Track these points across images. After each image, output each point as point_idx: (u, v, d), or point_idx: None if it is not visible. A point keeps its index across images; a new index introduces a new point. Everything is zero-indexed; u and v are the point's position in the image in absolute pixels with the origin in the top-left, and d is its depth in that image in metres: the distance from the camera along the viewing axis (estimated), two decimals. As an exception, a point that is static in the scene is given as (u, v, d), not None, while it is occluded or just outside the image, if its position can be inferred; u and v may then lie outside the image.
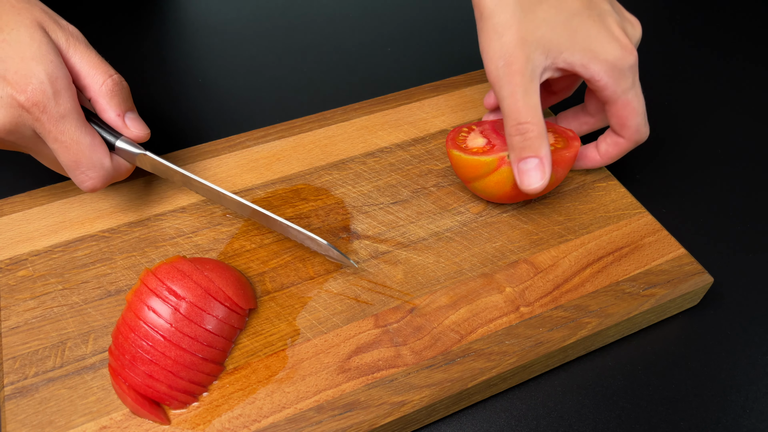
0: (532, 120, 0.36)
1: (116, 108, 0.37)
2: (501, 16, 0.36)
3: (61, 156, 0.35)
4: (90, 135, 0.36)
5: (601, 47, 0.37)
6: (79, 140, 0.35)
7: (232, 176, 0.46)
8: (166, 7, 0.68)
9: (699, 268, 0.40)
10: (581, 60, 0.37)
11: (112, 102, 0.37)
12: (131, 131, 0.38)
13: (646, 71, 0.62)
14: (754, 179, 0.51)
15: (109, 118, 0.37)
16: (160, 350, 0.33)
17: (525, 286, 0.39)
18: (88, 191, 0.37)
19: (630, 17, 0.40)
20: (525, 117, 0.36)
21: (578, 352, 0.39)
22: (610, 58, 0.37)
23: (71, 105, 0.35)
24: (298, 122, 0.50)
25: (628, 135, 0.40)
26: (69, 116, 0.35)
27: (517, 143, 0.37)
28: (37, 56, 0.34)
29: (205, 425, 0.33)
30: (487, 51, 0.37)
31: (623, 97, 0.38)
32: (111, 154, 0.38)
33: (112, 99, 0.37)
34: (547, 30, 0.37)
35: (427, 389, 0.35)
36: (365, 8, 0.69)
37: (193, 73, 0.60)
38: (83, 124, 0.35)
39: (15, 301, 0.38)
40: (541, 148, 0.36)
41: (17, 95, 0.33)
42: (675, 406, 0.38)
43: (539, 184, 0.37)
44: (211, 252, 0.41)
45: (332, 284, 0.39)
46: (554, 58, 0.37)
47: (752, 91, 0.60)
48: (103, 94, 0.37)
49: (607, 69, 0.37)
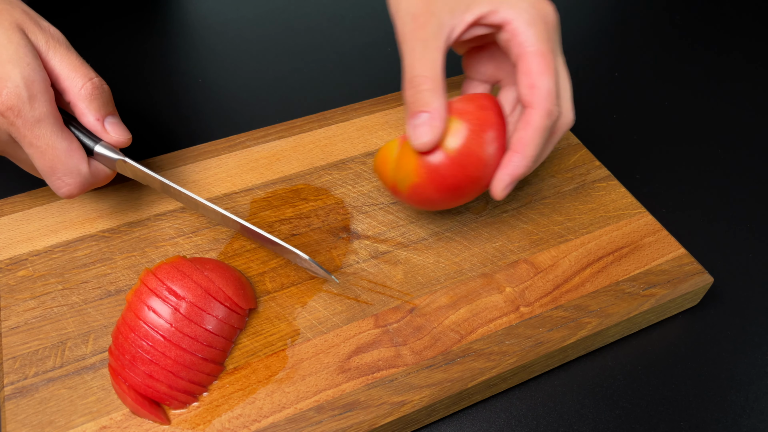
0: (426, 74, 0.34)
1: (95, 112, 0.36)
2: None
3: (36, 161, 0.35)
4: (67, 140, 0.35)
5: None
6: (55, 145, 0.34)
7: (232, 176, 0.46)
8: (167, 7, 0.68)
9: (699, 268, 0.40)
10: (490, 6, 0.35)
11: (91, 106, 0.36)
12: (111, 136, 0.37)
13: (647, 71, 0.62)
14: (754, 179, 0.51)
15: (88, 122, 0.36)
16: (160, 350, 0.33)
17: (525, 286, 0.39)
18: (65, 197, 0.36)
19: None
20: (419, 70, 0.34)
21: (578, 352, 0.39)
22: (522, 4, 0.34)
23: (47, 109, 0.34)
24: (298, 122, 0.50)
25: (537, 100, 0.34)
26: (45, 121, 0.34)
27: (409, 98, 0.35)
28: (14, 59, 0.33)
29: (205, 425, 0.33)
30: (397, 11, 0.36)
31: (536, 46, 0.34)
32: (90, 160, 0.37)
33: (92, 103, 0.36)
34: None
35: (427, 389, 0.35)
36: (365, 8, 0.69)
37: (193, 73, 0.60)
38: (60, 128, 0.35)
39: (15, 301, 0.38)
40: (432, 102, 0.34)
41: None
42: (675, 406, 0.38)
43: (427, 139, 0.34)
44: (211, 252, 0.41)
45: (332, 284, 0.39)
46: (462, 12, 0.35)
47: (752, 91, 0.60)
48: (83, 97, 0.36)
49: (518, 12, 0.34)
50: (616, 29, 0.68)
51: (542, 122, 0.34)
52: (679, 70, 0.62)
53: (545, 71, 0.34)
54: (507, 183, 0.35)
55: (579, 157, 0.48)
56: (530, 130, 0.34)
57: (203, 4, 0.69)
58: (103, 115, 0.37)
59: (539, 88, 0.34)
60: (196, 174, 0.46)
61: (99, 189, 0.44)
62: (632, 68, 0.62)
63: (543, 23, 0.34)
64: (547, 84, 0.34)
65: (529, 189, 0.45)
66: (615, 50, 0.65)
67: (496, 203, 0.44)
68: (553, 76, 0.34)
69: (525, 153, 0.34)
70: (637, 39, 0.66)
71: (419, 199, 0.37)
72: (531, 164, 0.35)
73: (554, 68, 0.34)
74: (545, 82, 0.34)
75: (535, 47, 0.34)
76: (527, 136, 0.34)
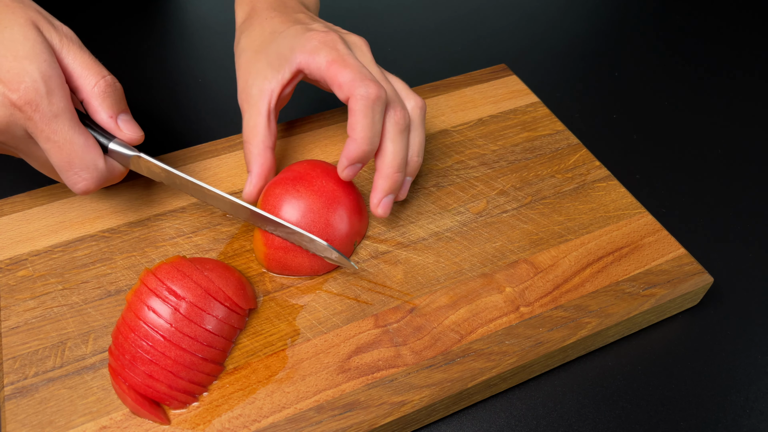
0: (247, 139, 0.41)
1: (109, 109, 0.37)
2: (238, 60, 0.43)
3: (53, 156, 0.35)
4: (83, 135, 0.35)
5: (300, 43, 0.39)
6: (73, 140, 0.34)
7: (232, 176, 0.46)
8: (167, 7, 0.68)
9: (699, 268, 0.40)
10: (289, 64, 0.39)
11: (104, 103, 0.36)
12: (124, 133, 0.37)
13: (647, 71, 0.62)
14: (754, 179, 0.51)
15: (101, 119, 0.37)
16: (160, 350, 0.33)
17: (525, 286, 0.39)
18: (81, 193, 0.36)
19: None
20: (245, 135, 0.41)
21: (578, 352, 0.39)
22: (304, 43, 0.39)
23: (64, 104, 0.34)
24: (298, 122, 0.50)
25: (347, 92, 0.37)
26: (62, 115, 0.34)
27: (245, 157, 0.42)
28: (31, 55, 0.33)
29: (205, 425, 0.33)
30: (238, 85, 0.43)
31: (326, 61, 0.38)
32: (104, 156, 0.37)
33: (105, 100, 0.36)
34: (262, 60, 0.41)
35: (427, 389, 0.35)
36: (365, 8, 0.69)
37: (193, 73, 0.60)
38: (76, 123, 0.35)
39: (15, 301, 0.38)
40: (251, 165, 0.41)
41: (9, 93, 0.33)
42: (675, 406, 0.38)
43: (246, 191, 0.41)
44: (211, 252, 0.41)
45: (332, 284, 0.39)
46: (274, 76, 0.40)
47: (753, 90, 0.60)
48: (96, 95, 0.36)
49: (304, 54, 0.39)
50: (616, 29, 0.68)
51: (357, 105, 0.36)
52: (679, 70, 0.62)
53: (342, 70, 0.37)
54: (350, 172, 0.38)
55: (579, 157, 0.48)
56: (353, 116, 0.37)
57: (203, 4, 0.69)
58: (117, 113, 0.37)
59: (343, 83, 0.37)
60: (196, 174, 0.46)
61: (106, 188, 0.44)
62: (632, 68, 0.62)
63: (323, 46, 0.38)
64: (347, 75, 0.37)
65: (529, 189, 0.45)
66: (615, 50, 0.65)
67: (497, 203, 0.44)
68: (350, 68, 0.37)
69: (354, 136, 0.37)
70: (637, 39, 0.66)
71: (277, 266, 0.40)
72: (365, 147, 0.37)
73: (350, 63, 0.37)
74: (345, 76, 0.37)
75: (325, 63, 0.38)
76: (352, 120, 0.37)
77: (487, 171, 0.47)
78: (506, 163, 0.47)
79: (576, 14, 0.70)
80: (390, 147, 0.38)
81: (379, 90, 0.36)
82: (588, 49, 0.65)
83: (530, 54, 0.64)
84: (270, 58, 0.41)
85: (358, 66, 0.37)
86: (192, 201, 0.44)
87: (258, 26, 0.43)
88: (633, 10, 0.70)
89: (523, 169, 0.47)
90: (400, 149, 0.38)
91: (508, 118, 0.51)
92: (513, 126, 0.50)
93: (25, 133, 0.34)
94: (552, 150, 0.48)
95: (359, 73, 0.37)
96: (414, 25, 0.67)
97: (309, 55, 0.38)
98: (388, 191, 0.39)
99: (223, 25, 0.66)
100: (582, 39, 0.66)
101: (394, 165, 0.38)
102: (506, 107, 0.52)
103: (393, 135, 0.38)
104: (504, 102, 0.52)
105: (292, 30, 0.40)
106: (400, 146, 0.38)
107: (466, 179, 0.46)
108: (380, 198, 0.39)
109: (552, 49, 0.65)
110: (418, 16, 0.68)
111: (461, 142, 0.49)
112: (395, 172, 0.38)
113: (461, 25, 0.67)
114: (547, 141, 0.49)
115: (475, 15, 0.69)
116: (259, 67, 0.41)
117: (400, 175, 0.39)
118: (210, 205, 0.43)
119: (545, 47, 0.65)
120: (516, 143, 0.49)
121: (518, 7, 0.70)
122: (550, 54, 0.64)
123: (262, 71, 0.41)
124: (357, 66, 0.37)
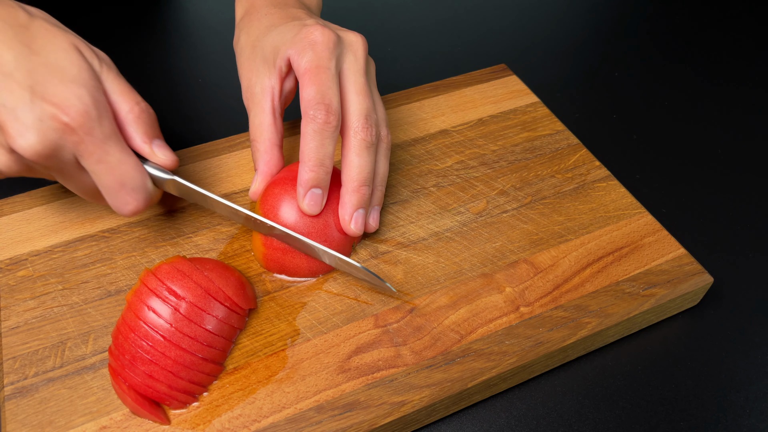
0: (254, 137, 0.41)
1: (143, 135, 0.37)
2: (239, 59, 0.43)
3: (104, 178, 0.34)
4: (133, 157, 0.35)
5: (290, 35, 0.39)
6: (125, 160, 0.34)
7: (232, 176, 0.46)
8: (167, 7, 0.68)
9: (699, 268, 0.40)
10: (281, 55, 0.39)
11: (139, 129, 0.36)
12: (159, 158, 0.37)
13: (647, 71, 0.62)
14: (754, 179, 0.51)
15: (136, 144, 0.37)
16: (160, 350, 0.33)
17: (525, 286, 0.39)
18: (129, 215, 0.36)
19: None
20: (252, 134, 0.41)
21: (578, 352, 0.39)
22: (296, 39, 0.38)
23: (113, 127, 0.34)
24: (298, 122, 0.50)
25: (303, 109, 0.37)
26: (113, 137, 0.34)
27: (252, 156, 0.42)
28: (78, 79, 0.33)
29: (205, 425, 0.33)
30: (241, 84, 0.43)
31: (305, 66, 0.37)
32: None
33: (140, 126, 0.36)
34: (258, 56, 0.41)
35: (427, 389, 0.35)
36: (365, 8, 0.69)
37: (193, 73, 0.60)
38: (126, 146, 0.35)
39: (15, 301, 0.38)
40: (258, 162, 0.41)
41: (61, 116, 0.32)
42: (675, 406, 0.38)
43: (252, 190, 0.41)
44: (211, 252, 0.41)
45: (332, 284, 0.39)
46: (270, 71, 0.40)
47: (752, 91, 0.60)
48: (131, 121, 0.36)
49: (294, 49, 0.38)
50: (616, 29, 0.68)
51: (306, 128, 0.36)
52: (679, 70, 0.62)
53: (310, 84, 0.37)
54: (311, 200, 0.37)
55: (579, 157, 0.48)
56: (302, 138, 0.37)
57: (203, 4, 0.69)
58: (151, 138, 0.37)
59: (305, 98, 0.37)
60: (196, 174, 0.46)
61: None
62: (632, 68, 0.62)
63: (311, 48, 0.37)
64: (311, 92, 0.36)
65: (529, 189, 0.45)
66: (615, 50, 0.65)
67: (497, 203, 0.44)
68: (317, 85, 0.36)
69: (303, 159, 0.37)
70: (637, 39, 0.66)
71: (275, 267, 0.40)
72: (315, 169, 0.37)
73: (320, 80, 0.37)
74: (309, 92, 0.36)
75: (302, 69, 0.37)
76: (301, 143, 0.37)
77: (487, 171, 0.47)
78: (506, 163, 0.47)
79: (576, 14, 0.70)
80: (355, 161, 0.37)
81: (327, 117, 0.36)
82: (588, 49, 0.65)
83: (530, 54, 0.64)
84: (265, 52, 0.41)
85: (327, 84, 0.37)
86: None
87: (256, 22, 0.43)
88: (633, 10, 0.70)
89: (523, 169, 0.47)
90: (366, 163, 0.38)
91: (508, 118, 0.51)
92: (513, 126, 0.50)
93: (73, 156, 0.34)
94: (552, 150, 0.48)
95: (320, 94, 0.36)
96: (414, 25, 0.67)
97: (296, 53, 0.38)
98: (357, 206, 0.38)
99: (223, 25, 0.66)
100: (582, 39, 0.66)
101: (360, 178, 0.37)
102: (506, 107, 0.52)
103: (359, 150, 0.37)
104: (504, 102, 0.52)
105: (289, 25, 0.40)
106: (366, 160, 0.38)
107: (466, 179, 0.46)
108: (351, 213, 0.38)
109: (552, 49, 0.65)
110: (418, 16, 0.68)
111: (461, 142, 0.49)
112: (361, 185, 0.38)
113: (461, 25, 0.67)
114: (547, 141, 0.49)
115: (475, 15, 0.69)
116: (258, 64, 0.41)
117: (367, 189, 0.38)
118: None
119: (545, 47, 0.65)
120: (516, 143, 0.49)
121: (518, 7, 0.70)
122: (550, 54, 0.64)
123: (260, 68, 0.41)
124: (325, 84, 0.37)
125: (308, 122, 0.36)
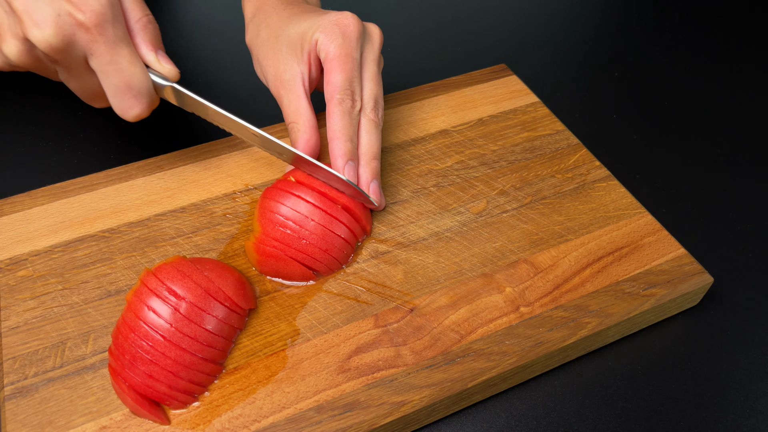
0: (293, 120, 0.42)
1: (149, 44, 0.38)
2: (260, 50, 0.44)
3: (113, 79, 0.36)
4: (141, 62, 0.37)
5: (319, 21, 0.42)
6: (135, 63, 0.36)
7: (232, 176, 0.46)
8: (167, 7, 0.68)
9: (699, 268, 0.40)
10: (309, 39, 0.41)
11: (146, 38, 0.38)
12: (164, 67, 0.39)
13: (647, 71, 0.62)
14: (754, 179, 0.51)
15: (142, 53, 0.38)
16: (160, 350, 0.33)
17: (525, 286, 0.39)
18: (132, 119, 0.38)
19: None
20: (289, 118, 0.42)
21: (578, 352, 0.39)
22: (326, 24, 0.41)
23: (125, 32, 0.36)
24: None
25: (329, 94, 0.40)
26: (124, 41, 0.36)
27: (291, 137, 0.43)
28: None
29: (205, 425, 0.33)
30: (266, 75, 0.44)
31: (334, 53, 0.40)
32: None
33: (146, 35, 0.38)
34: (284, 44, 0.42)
35: (427, 389, 0.35)
36: (365, 8, 0.69)
37: (193, 73, 0.60)
38: (135, 51, 0.37)
39: (15, 301, 0.38)
40: (298, 143, 0.42)
41: (77, 14, 0.34)
42: (675, 406, 0.38)
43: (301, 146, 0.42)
44: (211, 252, 0.41)
45: (332, 284, 0.39)
46: (299, 56, 0.42)
47: (753, 91, 0.60)
48: (138, 29, 0.38)
49: (324, 33, 0.41)
50: (616, 29, 0.68)
51: (334, 109, 0.40)
52: (680, 70, 0.62)
53: (338, 70, 0.40)
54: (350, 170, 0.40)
55: (579, 157, 0.48)
56: (330, 119, 0.40)
57: (203, 4, 0.69)
58: (155, 48, 0.39)
59: (331, 83, 0.40)
60: (196, 174, 0.46)
61: (101, 188, 0.44)
62: (632, 68, 0.62)
63: (342, 34, 0.40)
64: (337, 79, 0.40)
65: (529, 189, 0.45)
66: (615, 50, 0.65)
67: (497, 203, 0.44)
68: (345, 73, 0.40)
69: (336, 135, 0.40)
70: (637, 39, 0.66)
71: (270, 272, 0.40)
72: (348, 143, 0.40)
73: (348, 67, 0.40)
74: (337, 78, 0.40)
75: (332, 54, 0.40)
76: (330, 123, 0.40)
77: (487, 171, 0.47)
78: (506, 163, 0.47)
79: (576, 14, 0.70)
80: (366, 137, 0.41)
81: (354, 103, 0.40)
82: (588, 49, 0.65)
83: (530, 54, 0.64)
84: (291, 39, 0.42)
85: (353, 73, 0.41)
86: (192, 201, 0.44)
87: (275, 15, 0.44)
88: (633, 11, 0.70)
89: (523, 169, 0.47)
90: (375, 140, 0.42)
91: (508, 118, 0.51)
92: (513, 126, 0.50)
93: (84, 55, 0.36)
94: (552, 150, 0.48)
95: (348, 81, 0.40)
96: (414, 25, 0.67)
97: (326, 36, 0.40)
98: (371, 177, 0.41)
99: (223, 25, 0.66)
100: (582, 39, 0.66)
101: (371, 153, 0.41)
102: (506, 107, 0.52)
103: (369, 128, 0.41)
104: (504, 102, 0.52)
105: (315, 13, 0.43)
106: (375, 137, 0.42)
107: (466, 179, 0.46)
108: (366, 184, 0.41)
109: (552, 49, 0.65)
110: (418, 16, 0.68)
111: (461, 142, 0.49)
112: (372, 158, 0.41)
113: (461, 25, 0.67)
114: (547, 141, 0.49)
115: (475, 15, 0.69)
116: (284, 53, 0.42)
117: (377, 162, 0.42)
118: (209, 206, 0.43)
119: (545, 47, 0.65)
120: (516, 143, 0.49)
121: (518, 7, 0.70)
122: (550, 54, 0.64)
123: (287, 56, 0.42)
124: (352, 72, 0.40)
125: (336, 104, 0.40)
